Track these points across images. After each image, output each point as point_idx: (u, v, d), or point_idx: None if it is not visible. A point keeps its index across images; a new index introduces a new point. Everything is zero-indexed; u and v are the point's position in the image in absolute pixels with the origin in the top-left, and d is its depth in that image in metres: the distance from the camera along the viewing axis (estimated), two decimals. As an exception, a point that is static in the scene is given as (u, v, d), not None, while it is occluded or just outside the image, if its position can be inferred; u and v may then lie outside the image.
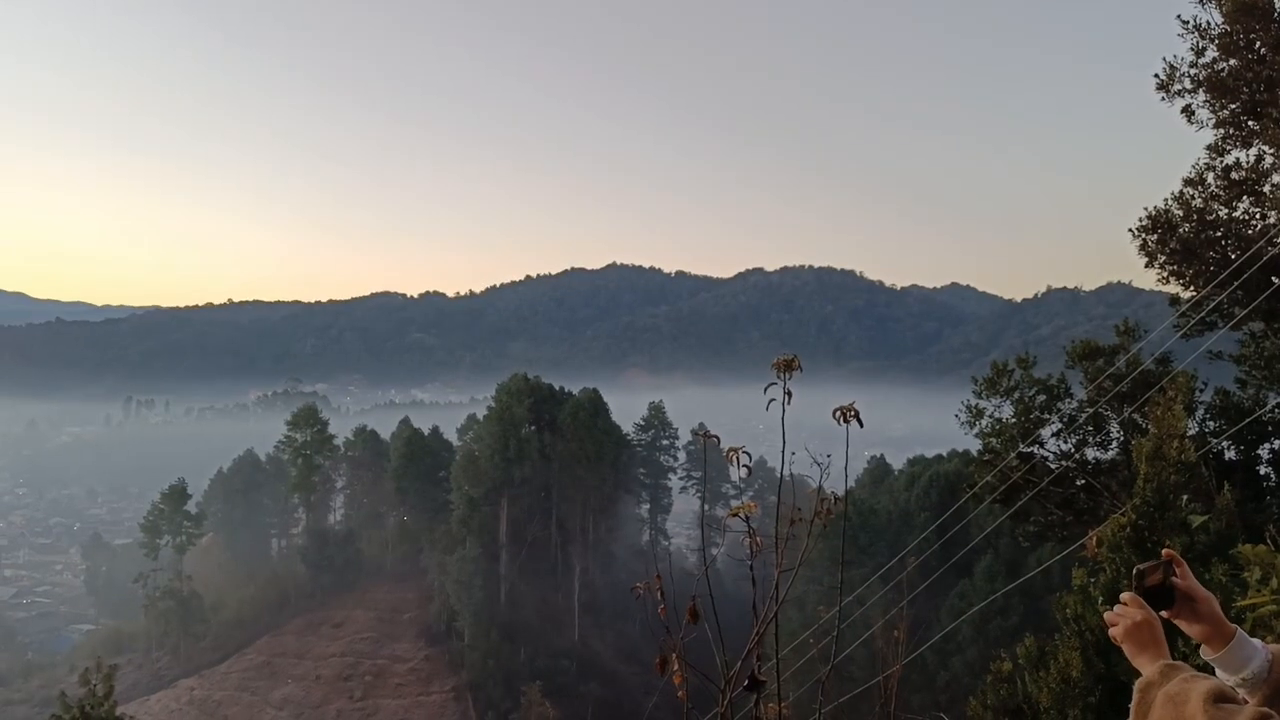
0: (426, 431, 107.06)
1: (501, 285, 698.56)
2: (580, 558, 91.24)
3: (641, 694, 77.08)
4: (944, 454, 75.15)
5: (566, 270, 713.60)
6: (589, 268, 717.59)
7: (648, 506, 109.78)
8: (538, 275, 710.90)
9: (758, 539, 4.45)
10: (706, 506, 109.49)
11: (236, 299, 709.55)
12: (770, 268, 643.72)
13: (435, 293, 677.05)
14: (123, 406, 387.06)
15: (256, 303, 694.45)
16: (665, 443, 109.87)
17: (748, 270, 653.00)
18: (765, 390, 4.55)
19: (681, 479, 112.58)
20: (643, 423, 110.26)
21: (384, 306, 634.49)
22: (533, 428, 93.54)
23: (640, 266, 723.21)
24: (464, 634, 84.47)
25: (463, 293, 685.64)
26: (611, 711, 74.95)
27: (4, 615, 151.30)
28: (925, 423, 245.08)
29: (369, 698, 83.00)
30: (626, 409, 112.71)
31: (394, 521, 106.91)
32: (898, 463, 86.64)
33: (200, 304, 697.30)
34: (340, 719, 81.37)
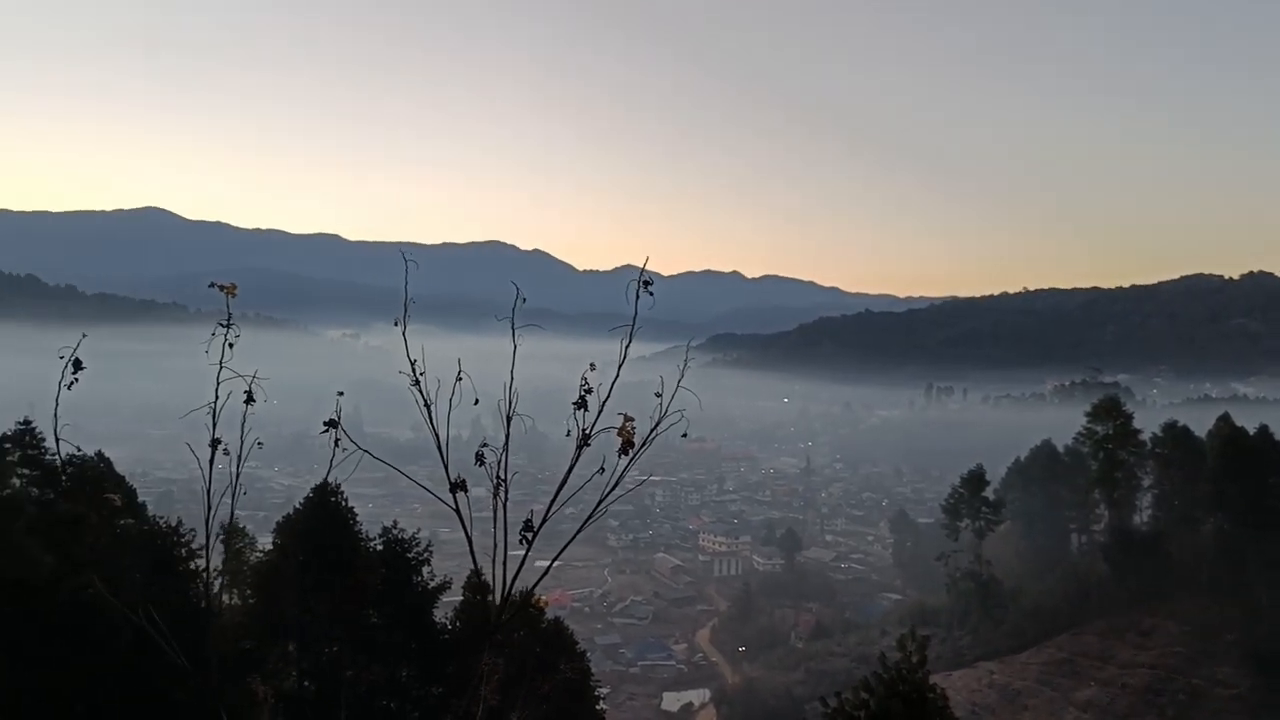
0: (1251, 430, 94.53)
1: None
2: None
3: None
4: None
5: None
6: None
7: None
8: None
9: None
10: None
11: (1031, 287, 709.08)
12: None
13: (1262, 273, 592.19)
14: (924, 393, 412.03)
15: (1052, 290, 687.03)
16: None
17: None
18: None
19: None
20: None
21: (1196, 289, 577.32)
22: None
23: None
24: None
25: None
26: None
27: (826, 576, 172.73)
28: None
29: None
30: None
31: (1211, 529, 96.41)
32: None
33: (995, 293, 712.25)
34: (1150, 736, 75.85)
